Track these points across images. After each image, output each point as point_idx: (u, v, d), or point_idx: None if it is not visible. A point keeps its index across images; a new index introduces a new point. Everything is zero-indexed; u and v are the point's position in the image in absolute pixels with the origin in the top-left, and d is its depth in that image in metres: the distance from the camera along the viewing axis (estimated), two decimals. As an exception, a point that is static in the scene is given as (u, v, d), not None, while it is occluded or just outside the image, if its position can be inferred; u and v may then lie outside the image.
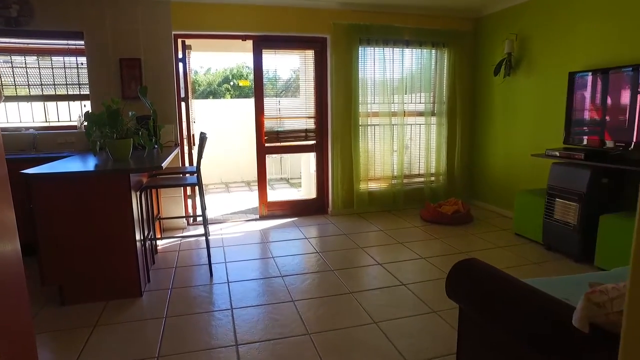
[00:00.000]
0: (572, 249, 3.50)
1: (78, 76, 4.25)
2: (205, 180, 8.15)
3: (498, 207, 5.03)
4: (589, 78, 3.61)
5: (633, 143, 3.22)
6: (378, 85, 4.96)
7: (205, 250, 3.69)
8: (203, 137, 3.21)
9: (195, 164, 3.40)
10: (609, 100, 3.46)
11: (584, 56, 3.84)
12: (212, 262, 3.54)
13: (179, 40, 4.42)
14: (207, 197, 6.60)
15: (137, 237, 2.92)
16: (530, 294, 1.41)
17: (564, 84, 3.93)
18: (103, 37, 4.05)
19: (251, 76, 4.64)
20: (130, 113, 3.29)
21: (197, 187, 3.93)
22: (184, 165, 4.62)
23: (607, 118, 3.47)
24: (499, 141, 4.97)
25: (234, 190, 7.47)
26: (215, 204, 6.03)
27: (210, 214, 5.36)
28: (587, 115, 3.66)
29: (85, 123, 2.94)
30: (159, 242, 4.10)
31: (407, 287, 3.03)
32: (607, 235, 3.22)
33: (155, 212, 4.01)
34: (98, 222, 2.73)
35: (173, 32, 4.26)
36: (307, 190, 6.14)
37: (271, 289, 3.04)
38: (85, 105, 4.34)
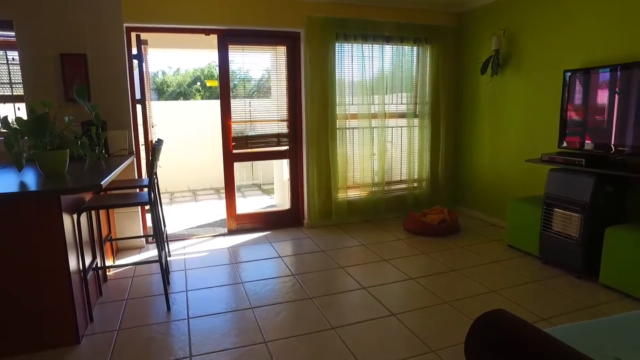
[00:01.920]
0: (574, 263, 3.18)
1: (9, 73, 3.66)
2: (171, 188, 7.58)
3: (486, 215, 4.71)
4: (587, 76, 3.30)
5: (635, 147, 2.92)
6: (357, 85, 4.55)
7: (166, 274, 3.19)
8: (156, 147, 2.71)
9: (154, 171, 2.90)
10: (609, 101, 3.16)
11: (582, 52, 3.54)
12: (171, 291, 3.05)
13: (133, 34, 3.89)
14: (172, 208, 6.04)
15: (75, 268, 2.40)
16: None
17: (559, 83, 3.62)
18: (39, 28, 3.47)
19: (217, 75, 4.21)
20: (66, 118, 2.75)
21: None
22: (141, 176, 4.08)
23: (609, 120, 3.16)
24: (486, 144, 4.65)
25: (203, 198, 6.94)
26: (181, 216, 5.49)
27: (173, 229, 4.83)
28: (585, 117, 3.35)
29: (4, 130, 2.39)
30: (110, 268, 3.56)
31: (397, 318, 2.62)
32: (613, 249, 2.91)
33: (105, 232, 3.47)
34: (20, 255, 2.20)
35: (125, 25, 3.73)
36: (280, 199, 5.69)
37: (240, 325, 2.57)
38: (19, 109, 3.74)
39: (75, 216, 2.48)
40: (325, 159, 4.48)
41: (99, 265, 3.00)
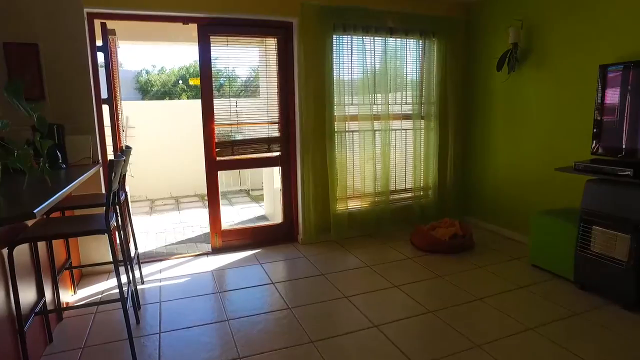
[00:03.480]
0: (623, 292, 2.70)
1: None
2: (152, 195, 6.97)
3: (500, 228, 4.22)
4: (628, 72, 2.82)
5: None
6: (357, 83, 4.03)
7: (135, 309, 2.63)
8: (116, 161, 2.14)
9: (113, 190, 2.31)
10: (660, 100, 2.68)
11: (620, 44, 3.06)
12: (141, 333, 2.49)
13: (97, 22, 3.31)
14: (151, 219, 5.46)
15: (5, 318, 1.84)
16: None
17: (590, 80, 3.15)
18: (-22, 14, 2.89)
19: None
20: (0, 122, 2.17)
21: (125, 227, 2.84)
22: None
23: (661, 123, 2.69)
24: (501, 149, 4.16)
25: (186, 206, 6.36)
26: (159, 230, 4.91)
27: (150, 246, 4.26)
28: (626, 118, 2.87)
29: None
30: (70, 299, 2.99)
31: (422, 371, 2.10)
32: (671, 277, 2.43)
33: (62, 258, 2.90)
34: None
35: (85, 10, 3.15)
36: (270, 208, 5.16)
37: (223, 385, 2.03)
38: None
39: (6, 250, 1.91)
40: (322, 166, 3.95)
41: (47, 305, 2.42)
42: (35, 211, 1.64)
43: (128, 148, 2.87)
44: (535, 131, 3.76)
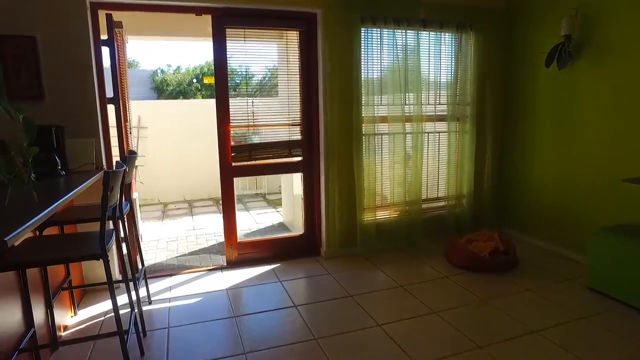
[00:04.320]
0: None
1: None
2: (165, 198, 6.69)
3: (546, 242, 3.79)
4: None
5: None
6: (387, 81, 3.65)
7: (139, 338, 2.29)
8: (109, 174, 1.79)
9: (110, 206, 1.98)
10: None
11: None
12: (142, 371, 2.16)
13: (101, 13, 2.98)
14: (163, 225, 5.15)
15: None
16: None
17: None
18: (-31, 3, 2.60)
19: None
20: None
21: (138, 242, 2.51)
22: None
23: None
24: (547, 155, 3.73)
25: (200, 211, 6.06)
26: (171, 237, 4.60)
27: (161, 256, 3.94)
28: None
29: None
30: (70, 321, 2.68)
31: None
32: None
33: (61, 277, 2.58)
34: None
35: (89, 0, 2.84)
36: (289, 215, 4.82)
37: None
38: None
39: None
40: (348, 172, 3.58)
41: (38, 337, 2.09)
42: (6, 239, 1.31)
43: (133, 154, 2.55)
44: (592, 136, 3.32)
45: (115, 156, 3.22)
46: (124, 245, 2.49)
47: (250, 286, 3.19)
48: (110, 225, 2.31)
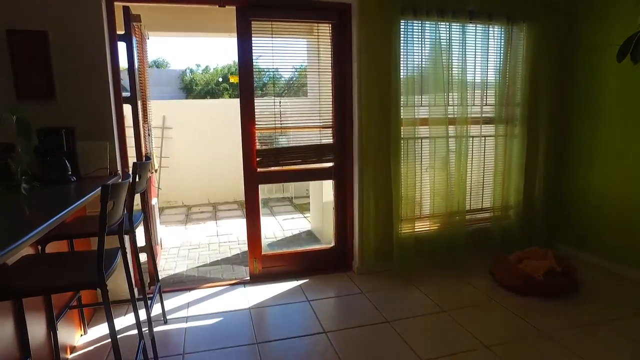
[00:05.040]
0: None
1: None
2: (189, 201, 6.49)
3: (608, 262, 3.33)
4: None
5: None
6: (429, 79, 3.28)
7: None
8: (107, 187, 1.50)
9: (110, 225, 1.67)
10: None
11: None
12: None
13: (118, 6, 2.74)
14: (186, 231, 4.93)
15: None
16: None
17: None
18: (-25, -6, 2.40)
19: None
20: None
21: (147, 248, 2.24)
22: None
23: None
24: (614, 162, 3.28)
25: (224, 215, 5.83)
26: (193, 244, 4.36)
27: (180, 267, 3.69)
28: None
29: None
30: (79, 341, 2.44)
31: None
32: None
33: (70, 294, 2.35)
34: None
35: (104, -9, 2.60)
36: (317, 223, 4.51)
37: None
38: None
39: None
40: (384, 179, 3.23)
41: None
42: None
43: (147, 159, 2.29)
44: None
45: (132, 157, 2.98)
46: (142, 256, 2.22)
47: (275, 305, 2.89)
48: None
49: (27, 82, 2.53)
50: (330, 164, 3.32)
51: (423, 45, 3.22)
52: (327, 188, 4.12)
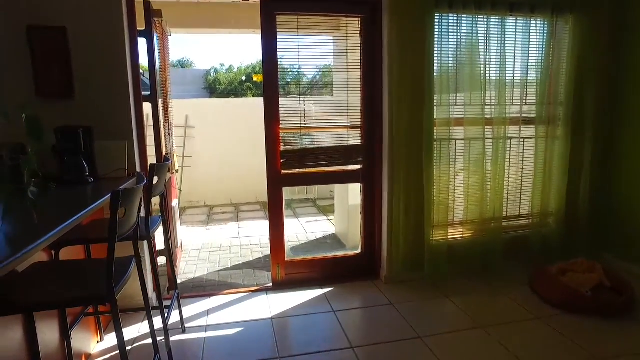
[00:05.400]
0: None
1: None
2: (211, 201, 6.41)
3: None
4: None
5: None
6: (464, 77, 3.06)
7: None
8: (117, 193, 1.36)
9: (121, 235, 1.52)
10: None
11: None
12: None
13: (139, 1, 2.63)
14: (208, 232, 4.83)
15: None
16: None
17: None
18: (-6, -11, 2.32)
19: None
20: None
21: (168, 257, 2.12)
22: (152, 214, 2.81)
23: None
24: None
25: (246, 216, 5.72)
26: (214, 247, 4.25)
27: (200, 270, 3.59)
28: None
29: None
30: (95, 349, 2.34)
31: None
32: None
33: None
34: None
35: (124, -16, 2.49)
36: (342, 227, 4.36)
37: None
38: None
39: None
40: (416, 183, 3.03)
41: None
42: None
43: (165, 160, 2.16)
44: None
45: (152, 155, 2.88)
46: (161, 259, 2.10)
47: (299, 316, 2.73)
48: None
49: (46, 80, 2.45)
50: (358, 166, 3.15)
51: (459, 40, 3.01)
52: (353, 191, 3.95)
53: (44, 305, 1.30)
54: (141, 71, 2.71)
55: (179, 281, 3.35)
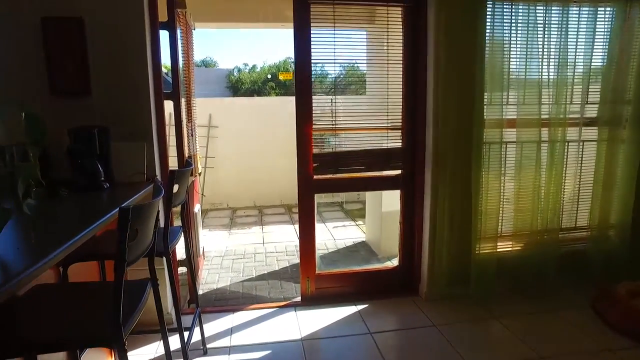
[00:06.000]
0: None
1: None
2: (234, 203, 6.21)
3: None
4: None
5: None
6: (519, 73, 2.73)
7: None
8: (127, 211, 1.11)
9: (130, 261, 1.29)
10: None
11: None
12: None
13: (161, -11, 2.41)
14: (230, 237, 4.61)
15: None
16: None
17: None
18: (6, -24, 2.13)
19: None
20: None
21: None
22: (172, 220, 2.58)
23: None
24: None
25: (270, 220, 5.49)
26: (237, 254, 4.02)
27: (223, 280, 3.36)
28: None
29: None
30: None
31: None
32: None
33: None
34: None
35: (146, -30, 2.27)
36: (373, 235, 4.08)
37: None
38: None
39: None
40: (462, 190, 2.72)
41: None
42: None
43: (187, 165, 1.93)
44: None
45: (173, 157, 2.65)
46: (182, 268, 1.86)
47: (332, 338, 2.46)
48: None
49: (61, 76, 2.25)
50: (398, 172, 2.85)
51: (514, 33, 2.68)
52: (387, 196, 3.66)
53: (37, 346, 1.06)
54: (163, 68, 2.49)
55: (200, 292, 3.13)
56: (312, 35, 2.60)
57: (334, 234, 4.75)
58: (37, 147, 1.26)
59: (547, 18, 2.70)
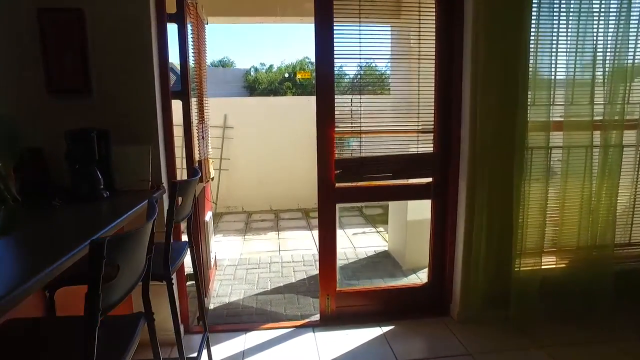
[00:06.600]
0: None
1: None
2: (249, 207, 5.98)
3: None
4: None
5: None
6: (569, 68, 2.42)
7: None
8: (99, 243, 0.87)
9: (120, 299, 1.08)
10: None
11: None
12: None
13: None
14: (245, 242, 4.39)
15: None
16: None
17: None
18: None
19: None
20: None
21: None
22: (180, 234, 2.33)
23: None
24: None
25: (286, 225, 5.25)
26: (251, 263, 3.78)
27: (236, 293, 3.13)
28: None
29: None
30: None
31: None
32: None
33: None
34: None
35: (151, -45, 2.04)
36: (397, 244, 3.81)
37: None
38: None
39: None
40: (501, 200, 2.42)
41: None
42: None
43: (195, 174, 1.69)
44: None
45: (181, 158, 2.43)
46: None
47: (355, 366, 2.20)
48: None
49: (60, 73, 2.04)
50: (429, 179, 2.57)
51: (567, 22, 2.36)
52: (413, 203, 3.38)
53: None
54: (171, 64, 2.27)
55: (211, 306, 2.90)
56: (334, 30, 2.34)
57: (354, 242, 4.48)
58: (8, 154, 1.03)
59: (603, 5, 2.38)
